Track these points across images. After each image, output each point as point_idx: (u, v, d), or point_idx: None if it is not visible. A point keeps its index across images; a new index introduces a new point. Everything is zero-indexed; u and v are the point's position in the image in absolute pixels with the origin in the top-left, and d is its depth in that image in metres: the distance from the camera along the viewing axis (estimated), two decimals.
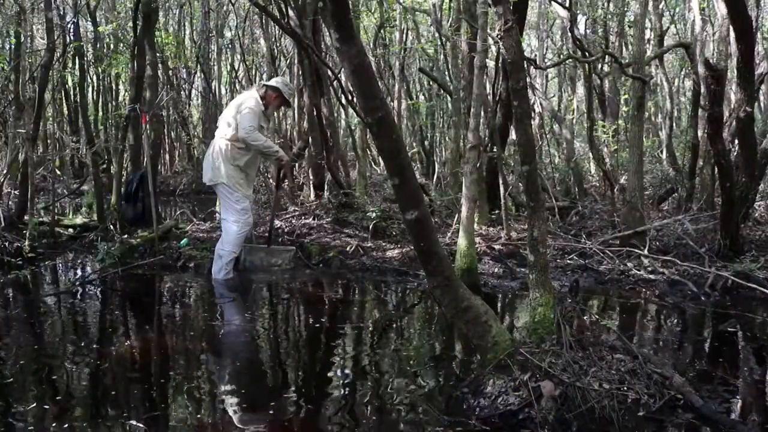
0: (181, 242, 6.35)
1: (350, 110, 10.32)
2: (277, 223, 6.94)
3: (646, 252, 5.70)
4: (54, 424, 2.71)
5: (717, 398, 2.96)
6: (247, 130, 5.44)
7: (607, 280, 5.41)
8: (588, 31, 11.37)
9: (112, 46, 13.98)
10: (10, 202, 7.42)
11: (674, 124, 11.19)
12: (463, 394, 2.96)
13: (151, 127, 6.86)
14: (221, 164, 5.55)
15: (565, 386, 2.71)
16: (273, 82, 5.81)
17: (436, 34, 10.89)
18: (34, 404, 2.92)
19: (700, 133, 7.56)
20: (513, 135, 7.17)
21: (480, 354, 3.12)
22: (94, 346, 3.82)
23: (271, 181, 6.41)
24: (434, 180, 10.08)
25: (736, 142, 6.06)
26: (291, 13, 7.26)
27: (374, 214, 6.81)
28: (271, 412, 2.88)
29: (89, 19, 9.61)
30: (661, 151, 11.13)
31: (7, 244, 6.18)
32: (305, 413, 2.92)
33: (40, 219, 7.07)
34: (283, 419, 2.83)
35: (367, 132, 9.18)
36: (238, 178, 5.58)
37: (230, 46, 16.90)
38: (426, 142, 13.10)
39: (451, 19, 9.23)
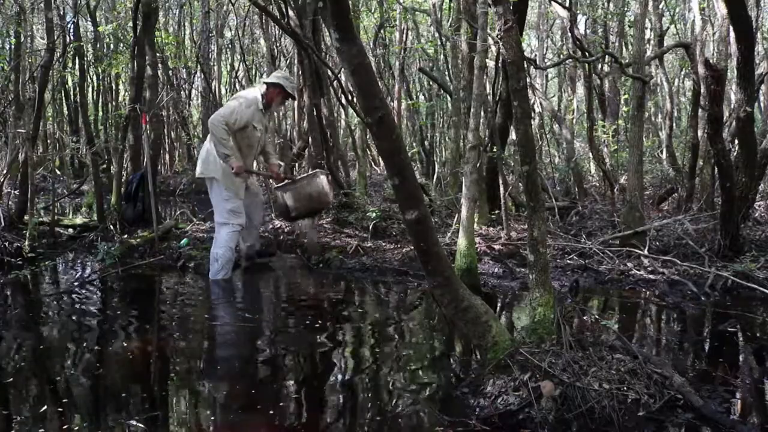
0: (181, 242, 6.36)
1: (350, 110, 10.32)
2: (277, 223, 6.95)
3: (646, 252, 5.70)
4: (54, 425, 2.71)
5: (717, 398, 2.96)
6: (216, 119, 5.22)
7: (607, 280, 5.41)
8: (588, 31, 11.38)
9: (112, 46, 14.00)
10: (10, 202, 7.41)
11: (674, 124, 11.16)
12: (463, 394, 2.96)
13: (151, 127, 6.87)
14: (215, 158, 5.35)
15: (565, 386, 2.71)
16: (273, 78, 5.61)
17: (436, 34, 10.90)
18: (35, 405, 2.92)
19: (700, 133, 7.56)
20: (513, 135, 7.16)
21: (480, 354, 3.12)
22: (94, 346, 3.82)
23: (271, 181, 6.39)
24: (434, 180, 10.08)
25: (736, 142, 6.06)
26: (291, 13, 7.26)
27: (374, 214, 6.81)
28: (271, 412, 2.88)
29: (89, 19, 9.64)
30: (661, 151, 11.12)
31: (7, 244, 6.18)
32: (305, 413, 2.92)
33: (40, 219, 7.06)
34: (282, 419, 2.83)
35: (367, 132, 9.19)
36: (231, 176, 5.37)
37: (230, 46, 16.92)
38: (426, 142, 13.10)
39: (451, 19, 9.24)
